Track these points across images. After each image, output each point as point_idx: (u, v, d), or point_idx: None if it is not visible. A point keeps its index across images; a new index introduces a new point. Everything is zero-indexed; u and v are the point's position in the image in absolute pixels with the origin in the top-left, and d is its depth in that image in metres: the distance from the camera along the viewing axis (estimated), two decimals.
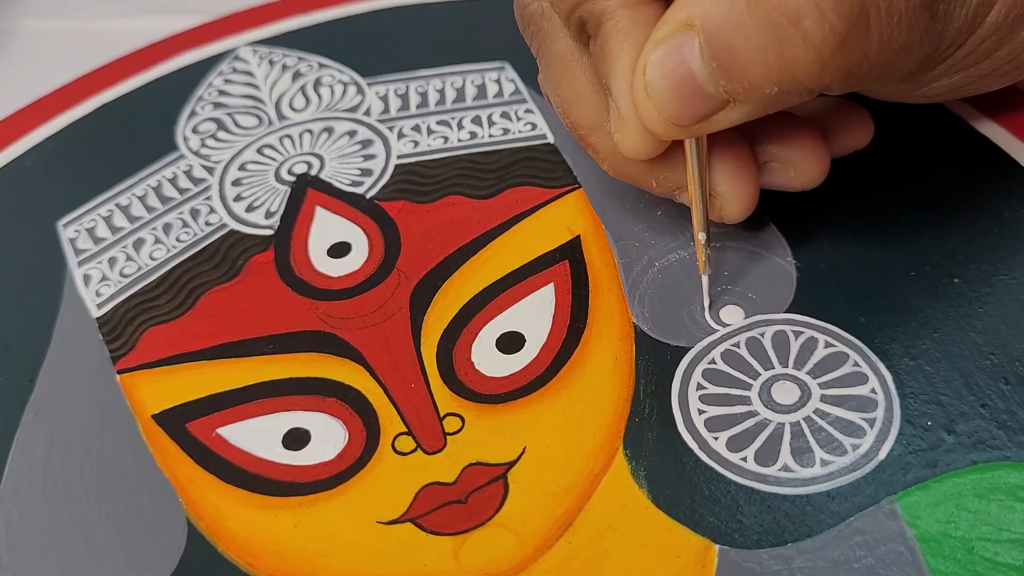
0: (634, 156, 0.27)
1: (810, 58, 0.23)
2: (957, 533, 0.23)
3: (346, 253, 0.32)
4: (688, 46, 0.23)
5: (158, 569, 0.25)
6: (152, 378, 0.29)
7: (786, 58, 0.23)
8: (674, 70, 0.24)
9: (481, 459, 0.26)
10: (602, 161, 0.29)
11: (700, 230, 0.27)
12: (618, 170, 0.28)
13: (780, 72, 0.23)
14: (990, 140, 0.32)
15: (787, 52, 0.22)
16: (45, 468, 0.27)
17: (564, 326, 0.29)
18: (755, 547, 0.24)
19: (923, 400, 0.26)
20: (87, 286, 0.32)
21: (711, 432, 0.26)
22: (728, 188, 0.27)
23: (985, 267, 0.28)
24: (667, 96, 0.24)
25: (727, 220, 0.28)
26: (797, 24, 0.22)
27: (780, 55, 0.23)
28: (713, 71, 0.23)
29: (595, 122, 0.28)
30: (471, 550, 0.24)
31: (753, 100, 0.24)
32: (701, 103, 0.24)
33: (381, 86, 0.37)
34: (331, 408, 0.28)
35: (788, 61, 0.23)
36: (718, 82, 0.23)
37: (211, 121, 0.37)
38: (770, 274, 0.29)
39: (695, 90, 0.24)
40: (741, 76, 0.23)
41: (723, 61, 0.23)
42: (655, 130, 0.25)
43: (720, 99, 0.24)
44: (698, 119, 0.24)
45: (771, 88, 0.23)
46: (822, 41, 0.22)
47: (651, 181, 0.28)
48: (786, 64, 0.23)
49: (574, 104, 0.28)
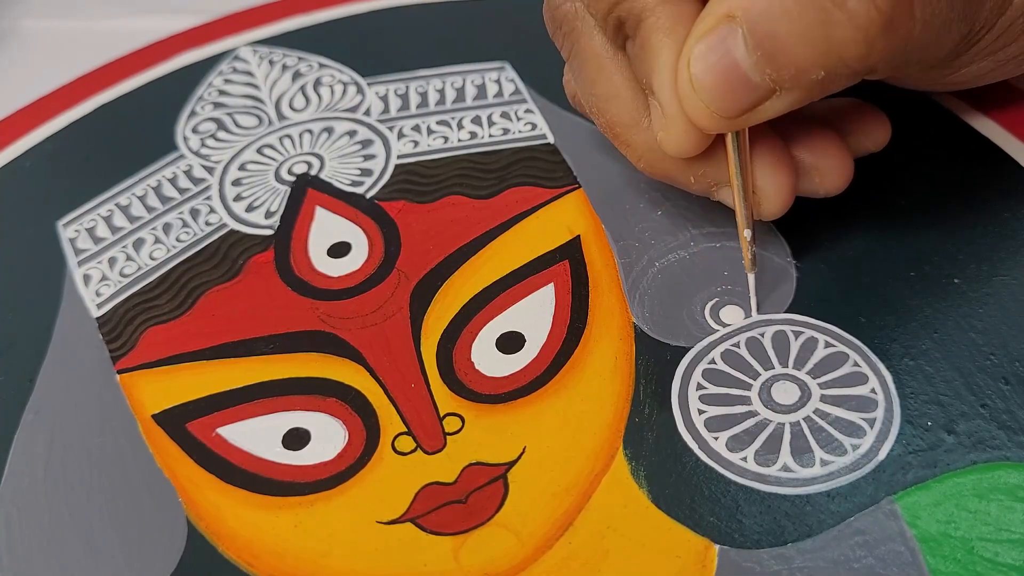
0: (678, 154, 0.26)
1: (857, 39, 0.22)
2: (957, 533, 0.23)
3: (346, 253, 0.32)
4: (732, 37, 0.23)
5: (158, 569, 0.25)
6: (152, 378, 0.29)
7: (833, 40, 0.22)
8: (719, 61, 0.24)
9: (481, 459, 0.26)
10: (638, 159, 0.28)
11: (745, 227, 0.27)
12: (655, 168, 0.28)
13: (827, 55, 0.23)
14: (991, 141, 0.32)
15: (833, 34, 0.22)
16: (45, 468, 0.27)
17: (564, 326, 0.29)
18: (755, 547, 0.24)
19: (923, 400, 0.26)
20: (87, 286, 0.32)
21: (711, 432, 0.26)
22: (768, 182, 0.27)
23: (985, 267, 0.28)
24: (713, 88, 0.24)
25: (765, 216, 0.28)
26: (842, 6, 0.22)
27: (826, 38, 0.22)
28: (758, 59, 0.23)
29: (632, 119, 0.28)
30: (471, 550, 0.24)
31: (800, 86, 0.24)
32: (748, 93, 0.24)
33: (381, 86, 0.37)
34: (331, 408, 0.27)
35: (835, 43, 0.22)
36: (764, 70, 0.23)
37: (211, 121, 0.37)
38: (770, 274, 0.29)
39: (741, 80, 0.24)
40: (787, 62, 0.23)
41: (768, 48, 0.23)
42: (701, 124, 0.25)
43: (766, 88, 0.24)
44: (745, 110, 0.24)
45: (818, 72, 0.23)
46: (868, 22, 0.22)
47: (689, 178, 0.28)
48: (833, 46, 0.23)
49: (610, 102, 0.28)
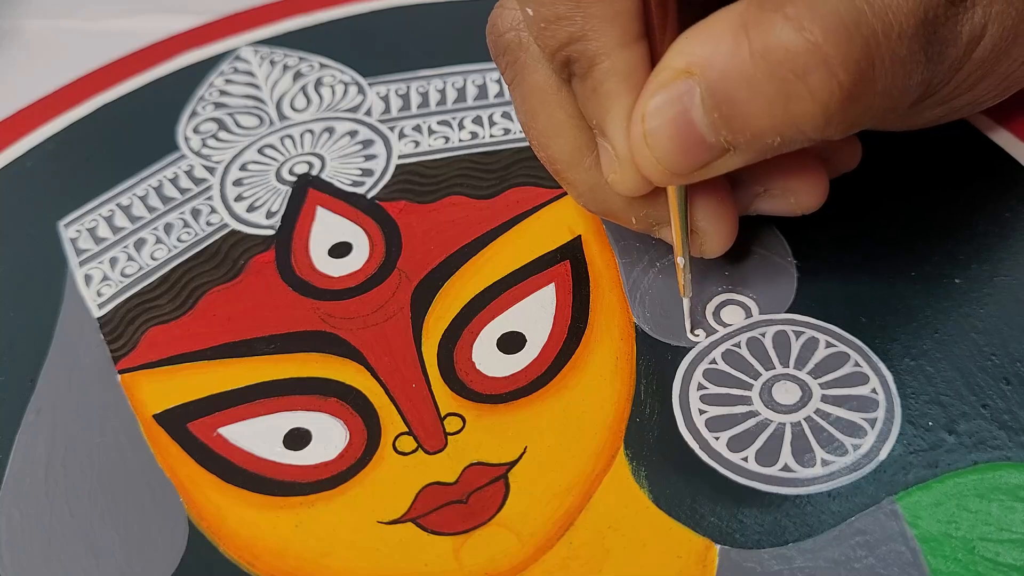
0: (629, 193, 0.26)
1: (816, 112, 0.22)
2: (958, 533, 0.23)
3: (347, 253, 0.32)
4: (688, 94, 0.23)
5: (159, 569, 0.25)
6: (153, 378, 0.29)
7: (791, 112, 0.22)
8: (675, 119, 0.23)
9: (482, 459, 0.26)
10: (578, 197, 0.28)
11: (680, 254, 0.27)
12: (596, 206, 0.28)
13: (784, 124, 0.22)
14: (991, 140, 0.32)
15: (792, 106, 0.22)
16: (46, 468, 0.27)
17: (565, 326, 0.29)
18: (756, 547, 0.24)
19: (924, 400, 0.26)
20: (88, 286, 0.32)
21: (712, 432, 0.26)
22: (709, 224, 0.27)
23: (986, 267, 0.28)
24: (667, 145, 0.24)
25: (707, 255, 0.28)
26: (804, 79, 0.22)
27: (785, 109, 0.22)
28: (715, 121, 0.23)
29: (574, 157, 0.27)
30: (472, 550, 0.24)
31: (753, 149, 0.23)
32: (701, 152, 0.23)
33: (382, 86, 0.37)
34: (332, 408, 0.28)
35: (793, 115, 0.22)
36: (720, 132, 0.23)
37: (212, 121, 0.37)
38: (771, 274, 0.29)
39: (696, 139, 0.23)
40: (744, 127, 0.23)
41: (725, 112, 0.22)
42: (653, 178, 0.25)
43: (720, 148, 0.23)
44: (697, 167, 0.24)
45: (774, 139, 0.23)
46: (829, 96, 0.22)
47: (631, 218, 0.28)
48: (791, 118, 0.22)
49: (552, 138, 0.27)
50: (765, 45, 0.22)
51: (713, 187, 0.27)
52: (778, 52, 0.22)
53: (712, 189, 0.27)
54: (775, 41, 0.21)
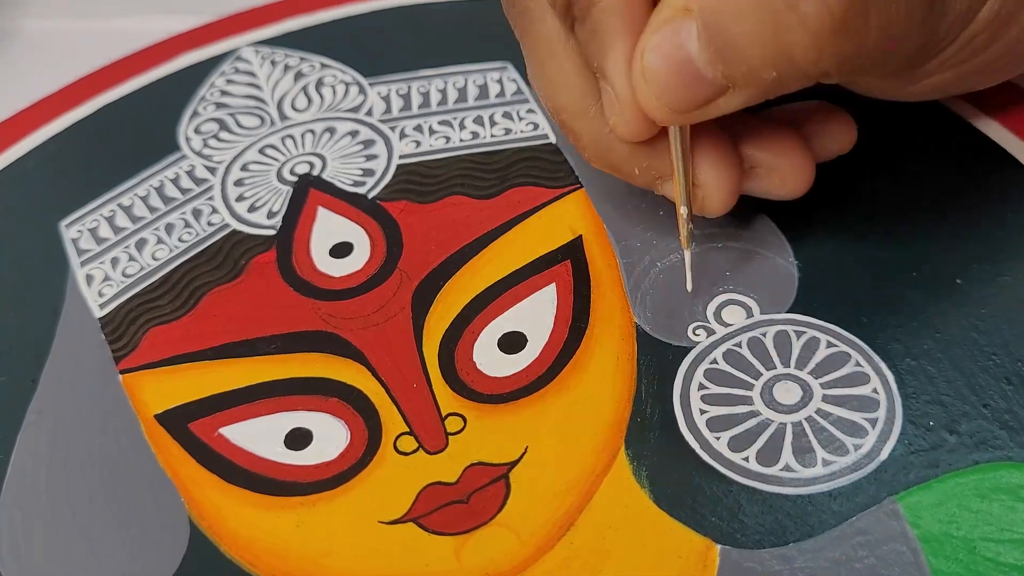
0: (630, 138, 0.26)
1: (807, 43, 0.22)
2: (959, 533, 0.23)
3: (348, 253, 0.32)
4: (686, 31, 0.23)
5: (160, 569, 0.25)
6: (154, 378, 0.29)
7: (783, 42, 0.22)
8: (672, 55, 0.23)
9: (483, 459, 0.26)
10: (584, 149, 0.28)
11: (682, 203, 0.27)
12: (601, 158, 0.28)
13: (777, 57, 0.23)
14: (992, 140, 0.32)
15: (784, 36, 0.22)
16: (48, 468, 0.27)
17: (566, 326, 0.29)
18: (757, 547, 0.24)
19: (925, 400, 0.26)
20: (89, 286, 0.32)
21: (713, 432, 0.26)
22: (710, 176, 0.27)
23: (987, 267, 0.28)
24: (665, 81, 0.24)
25: (709, 212, 0.27)
26: (795, 8, 0.22)
27: (777, 39, 0.22)
28: (711, 56, 0.23)
29: (580, 107, 0.27)
30: (473, 550, 0.24)
31: (752, 85, 0.23)
32: (700, 89, 0.24)
33: (383, 86, 0.37)
34: (333, 408, 0.28)
35: (785, 45, 0.22)
36: (716, 67, 0.23)
37: (213, 121, 0.37)
38: (772, 274, 0.29)
39: (694, 75, 0.23)
40: (739, 61, 0.23)
41: (720, 45, 0.23)
42: (654, 115, 0.25)
43: (719, 85, 0.24)
44: (697, 105, 0.24)
45: (769, 73, 0.23)
46: (820, 25, 0.22)
47: (634, 169, 0.28)
48: (783, 48, 0.22)
49: (558, 88, 0.27)
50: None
51: (715, 141, 0.27)
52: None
53: (714, 143, 0.27)
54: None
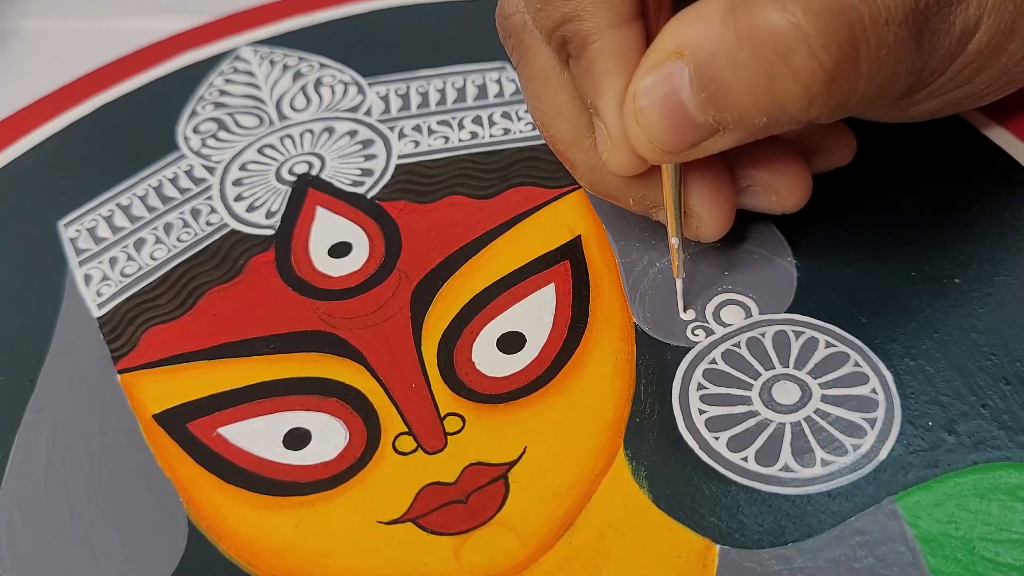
0: (622, 173, 0.26)
1: (798, 93, 0.23)
2: (958, 533, 0.23)
3: (347, 253, 0.32)
4: (678, 75, 0.23)
5: (159, 568, 0.25)
6: (153, 378, 0.29)
7: (775, 91, 0.23)
8: (665, 98, 0.24)
9: (482, 459, 0.26)
10: (580, 177, 0.29)
11: (673, 235, 0.27)
12: (596, 187, 0.28)
13: (769, 104, 0.23)
14: (991, 140, 0.32)
15: (775, 86, 0.22)
16: (46, 468, 0.27)
17: (565, 326, 0.29)
18: (756, 547, 0.24)
19: (924, 400, 0.26)
20: (88, 286, 0.32)
21: (712, 432, 0.26)
22: (704, 208, 0.27)
23: (986, 267, 0.28)
24: (657, 124, 0.24)
25: (703, 239, 0.28)
26: (786, 60, 0.22)
27: (769, 88, 0.23)
28: (703, 101, 0.23)
29: (574, 138, 0.28)
30: (472, 550, 0.24)
31: (742, 129, 0.24)
32: (691, 131, 0.24)
33: (382, 86, 0.37)
34: (332, 408, 0.28)
35: (777, 94, 0.23)
36: (707, 111, 0.23)
37: (212, 121, 0.37)
38: (771, 274, 0.29)
39: (685, 118, 0.24)
40: (730, 106, 0.23)
41: (712, 92, 0.23)
42: (645, 155, 0.25)
43: (709, 127, 0.24)
44: (688, 146, 0.24)
45: (760, 119, 0.23)
46: (811, 77, 0.22)
47: (628, 199, 0.28)
48: (775, 97, 0.23)
49: (554, 119, 0.28)
50: (750, 26, 0.22)
51: (709, 172, 0.27)
52: (762, 33, 0.22)
53: (708, 173, 0.27)
54: (759, 22, 0.22)
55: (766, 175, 0.28)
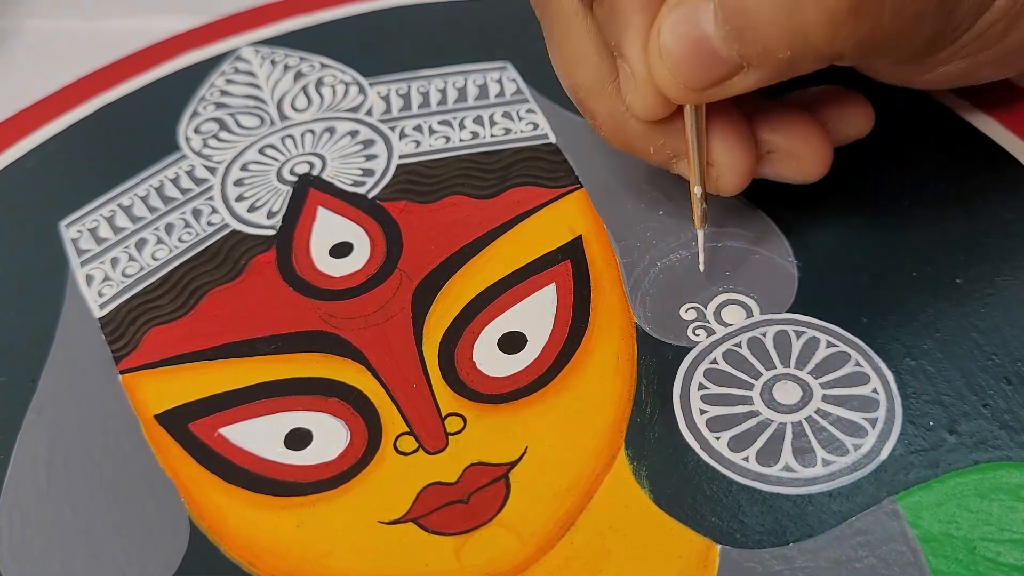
0: (645, 116, 0.26)
1: (822, 22, 0.22)
2: (959, 533, 0.23)
3: (348, 253, 0.32)
4: (703, 9, 0.23)
5: (160, 569, 0.25)
6: (154, 378, 0.29)
7: (799, 22, 0.22)
8: (689, 33, 0.24)
9: (483, 459, 0.26)
10: (600, 127, 0.28)
11: (696, 183, 0.27)
12: (616, 136, 0.28)
13: (793, 36, 0.23)
14: (993, 140, 0.32)
15: (800, 16, 0.22)
16: (48, 468, 0.27)
17: (566, 326, 0.29)
18: (757, 547, 0.24)
19: (925, 400, 0.26)
20: (89, 286, 0.32)
21: (713, 432, 0.26)
22: (725, 156, 0.27)
23: (987, 267, 0.28)
24: (682, 60, 0.24)
25: (723, 192, 0.28)
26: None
27: (793, 19, 0.22)
28: (727, 35, 0.23)
29: (596, 84, 0.27)
30: (473, 550, 0.24)
31: (766, 65, 0.24)
32: (715, 67, 0.24)
33: (383, 86, 0.37)
34: (333, 408, 0.28)
35: (801, 25, 0.23)
36: (732, 46, 0.23)
37: (213, 121, 0.37)
38: (771, 274, 0.29)
39: (709, 54, 0.24)
40: (754, 40, 0.23)
41: (737, 24, 0.23)
42: (669, 93, 0.25)
43: (734, 63, 0.24)
44: (712, 83, 0.24)
45: (784, 52, 0.23)
46: (835, 5, 0.22)
47: (649, 148, 0.28)
48: (799, 28, 0.23)
49: (576, 65, 0.28)
50: None
51: (731, 120, 0.27)
52: None
53: (730, 122, 0.27)
54: None
55: (787, 141, 0.28)
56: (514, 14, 0.40)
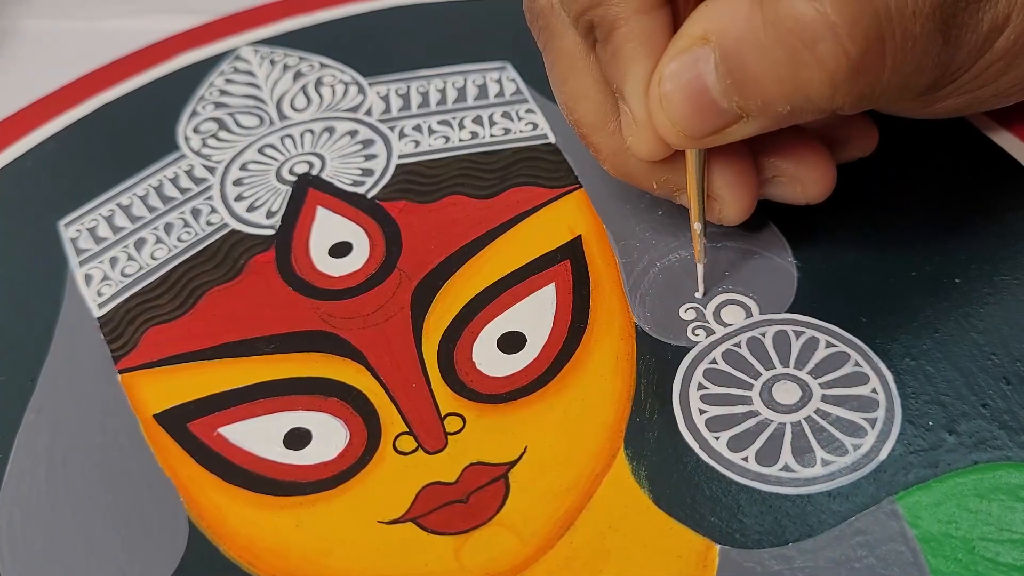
0: (646, 158, 0.27)
1: (823, 81, 0.23)
2: (958, 533, 0.23)
3: (347, 253, 0.32)
4: (703, 60, 0.24)
5: (160, 569, 0.25)
6: (153, 378, 0.29)
7: (800, 79, 0.23)
8: (689, 83, 0.24)
9: (482, 459, 0.26)
10: (603, 161, 0.29)
11: (696, 220, 0.27)
12: (619, 170, 0.29)
13: (793, 92, 0.23)
14: (992, 140, 0.32)
15: (800, 74, 0.23)
16: (47, 468, 0.27)
17: (565, 326, 0.29)
18: (756, 547, 0.24)
19: (924, 400, 0.26)
20: (88, 286, 0.32)
21: (712, 432, 0.26)
22: (727, 192, 0.27)
23: (986, 267, 0.28)
24: (681, 108, 0.24)
25: (726, 223, 0.28)
26: (812, 48, 0.22)
27: (794, 76, 0.23)
28: (727, 87, 0.23)
29: (599, 121, 0.28)
30: (472, 550, 0.24)
31: (765, 116, 0.24)
32: (714, 117, 0.24)
33: (382, 86, 0.37)
34: (332, 408, 0.28)
35: (801, 82, 0.23)
36: (732, 97, 0.24)
37: (212, 121, 0.37)
38: (771, 274, 0.29)
39: (709, 104, 0.24)
40: (754, 93, 0.23)
41: (737, 78, 0.23)
42: (669, 140, 0.25)
43: (733, 114, 0.24)
44: (711, 132, 0.25)
45: (784, 107, 0.23)
46: (836, 66, 0.22)
47: (652, 182, 0.28)
48: (800, 85, 0.23)
49: (579, 102, 0.28)
50: (777, 14, 0.22)
51: (733, 155, 0.27)
52: (788, 20, 0.22)
53: (732, 157, 0.27)
54: (786, 9, 0.22)
55: (792, 166, 0.28)
56: (514, 14, 0.40)
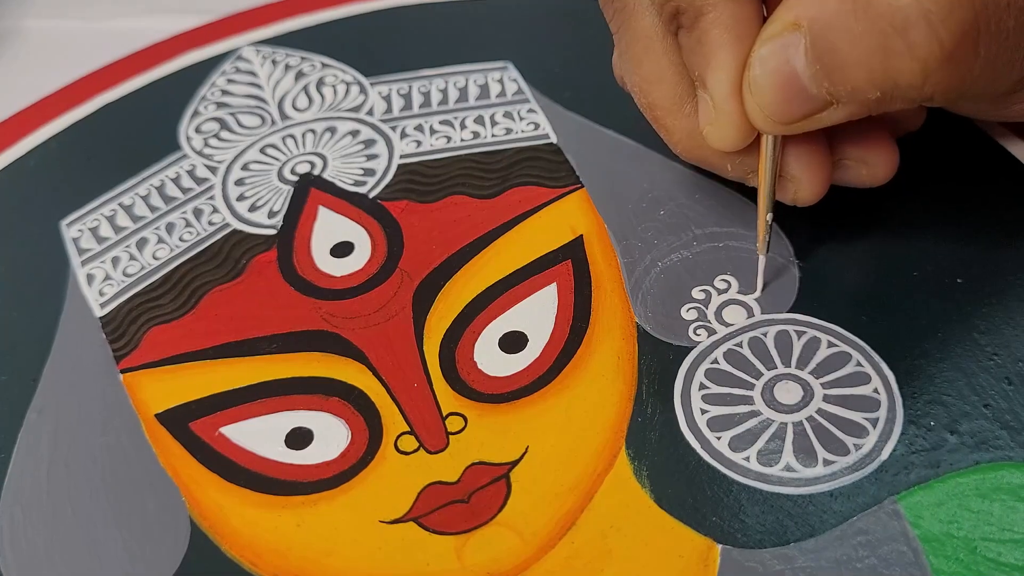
0: (723, 148, 0.27)
1: (914, 69, 0.23)
2: (960, 533, 0.23)
3: (349, 253, 0.32)
4: (794, 46, 0.24)
5: (161, 568, 0.25)
6: (155, 377, 0.29)
7: (890, 67, 0.23)
8: (779, 68, 0.24)
9: (484, 459, 0.26)
10: (676, 144, 0.29)
11: (767, 210, 0.27)
12: (692, 153, 0.29)
13: (883, 79, 0.23)
14: (994, 140, 0.32)
15: (892, 61, 0.23)
16: (49, 467, 0.27)
17: (567, 326, 0.29)
18: (758, 547, 0.24)
19: (926, 400, 0.26)
20: (90, 285, 0.32)
21: (714, 432, 0.26)
22: (803, 172, 0.27)
23: (988, 267, 0.28)
24: (770, 94, 0.24)
25: (800, 203, 0.28)
26: (904, 34, 0.22)
27: (885, 63, 0.23)
28: (816, 72, 0.23)
29: (674, 103, 0.28)
30: (474, 549, 0.24)
31: (854, 103, 0.24)
32: (803, 102, 0.24)
33: (384, 86, 0.37)
34: (334, 408, 0.28)
35: (892, 70, 0.23)
36: (821, 83, 0.24)
37: (214, 121, 0.37)
38: (773, 274, 0.29)
39: (798, 89, 0.24)
40: (844, 79, 0.23)
41: (827, 63, 0.23)
42: (757, 125, 0.25)
43: (822, 100, 0.24)
44: (799, 117, 0.25)
45: (873, 93, 0.23)
46: (928, 54, 0.22)
47: (726, 164, 0.28)
48: (890, 73, 0.23)
49: (654, 84, 0.28)
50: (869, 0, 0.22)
51: (809, 137, 0.27)
52: (881, 6, 0.22)
53: (808, 138, 0.27)
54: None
55: (859, 149, 0.28)
56: (515, 14, 0.40)
